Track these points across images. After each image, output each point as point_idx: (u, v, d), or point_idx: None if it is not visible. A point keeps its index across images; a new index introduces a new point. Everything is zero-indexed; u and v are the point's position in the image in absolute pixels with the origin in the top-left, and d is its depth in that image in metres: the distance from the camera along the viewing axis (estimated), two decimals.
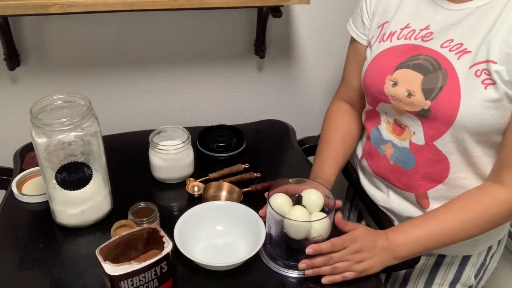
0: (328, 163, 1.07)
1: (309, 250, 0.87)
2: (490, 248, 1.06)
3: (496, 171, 0.88)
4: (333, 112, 1.14)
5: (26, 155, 1.19)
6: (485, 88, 0.82)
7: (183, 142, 1.11)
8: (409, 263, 0.95)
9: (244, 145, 1.26)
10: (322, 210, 0.92)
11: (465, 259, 1.04)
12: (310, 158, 1.20)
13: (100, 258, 0.80)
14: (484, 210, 0.87)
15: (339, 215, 0.93)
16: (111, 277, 0.78)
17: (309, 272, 0.88)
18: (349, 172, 1.19)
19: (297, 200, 0.92)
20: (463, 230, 0.87)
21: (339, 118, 1.12)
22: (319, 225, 0.87)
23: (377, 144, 1.02)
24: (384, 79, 0.94)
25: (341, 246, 0.88)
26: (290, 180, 0.96)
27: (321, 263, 0.88)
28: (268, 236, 0.93)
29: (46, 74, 1.28)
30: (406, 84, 0.90)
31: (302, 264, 0.89)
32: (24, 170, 1.13)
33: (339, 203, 0.95)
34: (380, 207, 1.07)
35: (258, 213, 0.96)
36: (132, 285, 0.80)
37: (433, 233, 0.88)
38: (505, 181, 0.86)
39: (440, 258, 1.05)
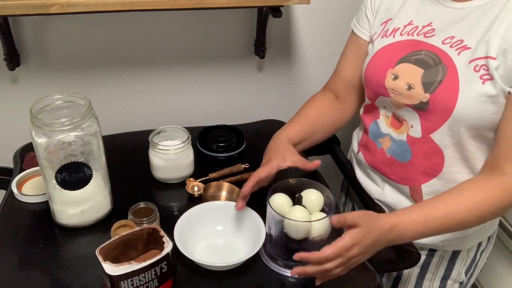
0: (293, 125, 1.07)
1: (295, 257, 0.82)
2: (480, 244, 1.07)
3: (492, 164, 0.88)
4: (314, 97, 1.15)
5: (26, 155, 1.19)
6: (483, 83, 0.84)
7: (183, 142, 1.11)
8: (410, 263, 0.95)
9: (244, 145, 1.26)
10: (322, 210, 0.92)
11: (455, 254, 1.05)
12: (310, 158, 1.20)
13: (100, 258, 0.80)
14: (492, 201, 0.85)
15: (334, 219, 0.82)
16: (111, 277, 0.78)
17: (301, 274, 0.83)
18: (343, 164, 1.19)
19: (297, 200, 0.92)
20: (468, 221, 0.86)
21: (319, 101, 1.13)
22: (319, 225, 0.87)
23: (375, 138, 1.04)
24: (385, 73, 0.96)
25: (335, 257, 0.79)
26: (290, 180, 0.96)
27: (312, 272, 0.81)
28: (268, 236, 0.93)
29: (46, 74, 1.28)
30: (407, 78, 0.92)
31: (293, 272, 0.83)
32: (24, 170, 1.13)
33: (317, 163, 1.01)
34: (375, 200, 1.08)
35: (255, 213, 0.96)
36: (132, 285, 0.80)
37: (438, 219, 0.84)
38: (507, 172, 0.85)
39: (431, 252, 1.06)
